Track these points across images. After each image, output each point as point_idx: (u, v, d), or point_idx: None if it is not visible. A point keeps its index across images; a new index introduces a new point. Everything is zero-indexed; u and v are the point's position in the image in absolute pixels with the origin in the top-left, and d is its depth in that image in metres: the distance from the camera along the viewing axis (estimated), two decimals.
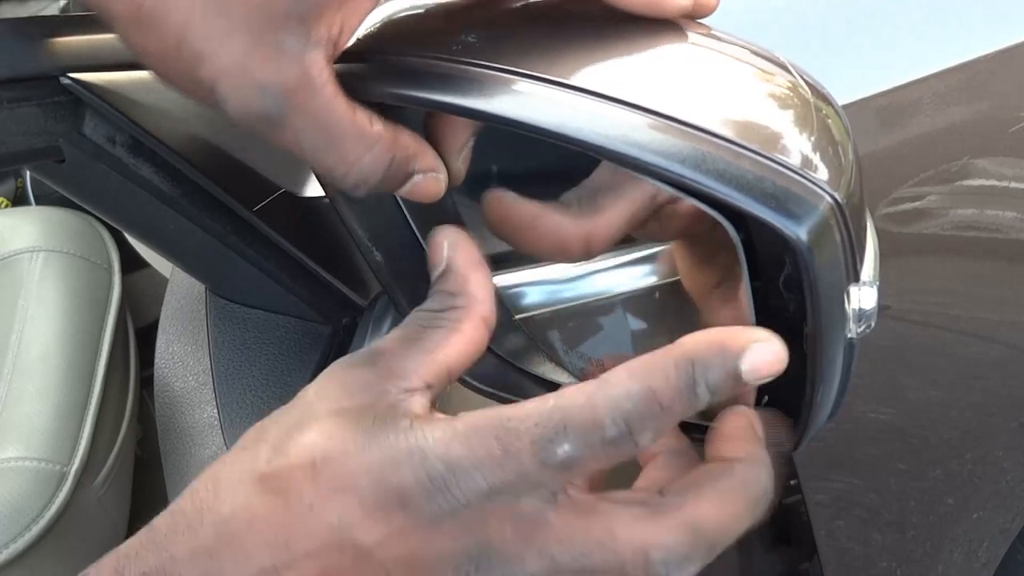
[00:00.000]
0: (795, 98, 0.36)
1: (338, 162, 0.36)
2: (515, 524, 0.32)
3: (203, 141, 0.57)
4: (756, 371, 0.32)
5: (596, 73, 0.35)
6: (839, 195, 0.34)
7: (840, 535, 0.99)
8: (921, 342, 0.90)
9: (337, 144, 0.35)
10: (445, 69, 0.35)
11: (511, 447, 0.32)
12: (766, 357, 0.32)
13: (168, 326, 0.69)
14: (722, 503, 0.33)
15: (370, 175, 0.36)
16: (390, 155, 0.37)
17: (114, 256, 1.20)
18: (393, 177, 0.37)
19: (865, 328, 0.36)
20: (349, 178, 0.36)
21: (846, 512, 0.98)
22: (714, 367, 0.32)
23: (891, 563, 1.02)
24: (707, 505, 0.33)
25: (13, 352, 1.03)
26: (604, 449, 0.32)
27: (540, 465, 0.32)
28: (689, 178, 0.33)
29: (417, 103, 0.36)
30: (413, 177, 0.38)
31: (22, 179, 1.55)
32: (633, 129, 0.33)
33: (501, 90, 0.35)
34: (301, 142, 0.35)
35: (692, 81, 0.36)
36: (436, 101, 0.35)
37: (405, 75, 0.36)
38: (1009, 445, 0.95)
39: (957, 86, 0.76)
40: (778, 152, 0.34)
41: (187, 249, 0.62)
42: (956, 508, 0.98)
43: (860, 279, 0.35)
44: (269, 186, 0.59)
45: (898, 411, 0.93)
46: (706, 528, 0.33)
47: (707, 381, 0.32)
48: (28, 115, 0.51)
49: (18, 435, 0.96)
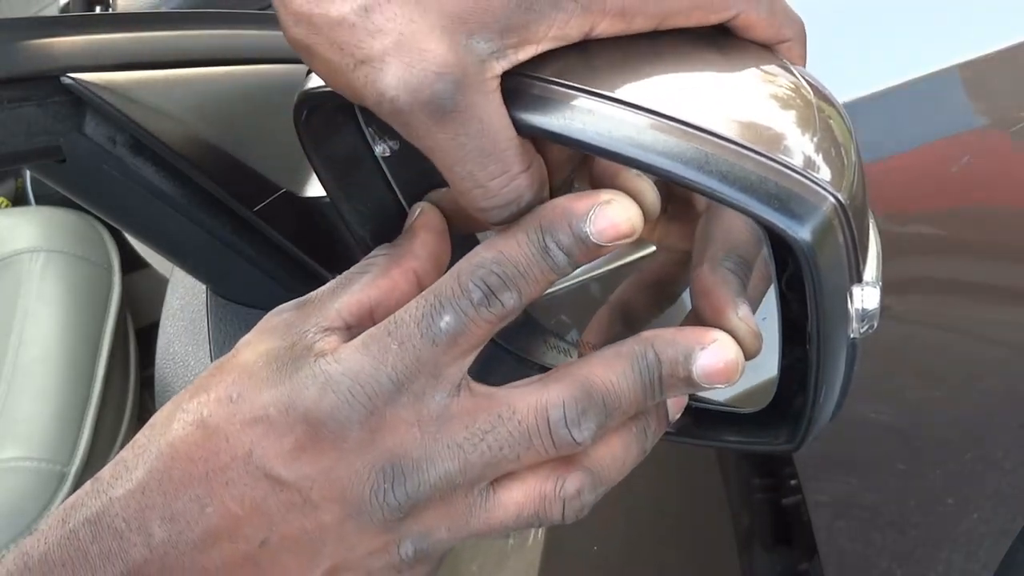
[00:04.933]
0: (797, 99, 0.36)
1: (498, 172, 0.35)
2: (421, 425, 0.34)
3: (204, 141, 0.57)
4: (603, 232, 0.34)
5: (599, 75, 0.35)
6: (842, 196, 0.34)
7: (840, 535, 0.99)
8: (921, 342, 0.90)
9: (500, 153, 0.35)
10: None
11: (402, 337, 0.34)
12: (612, 218, 0.34)
13: (169, 326, 0.69)
14: (607, 363, 0.35)
15: (525, 192, 0.35)
16: (541, 178, 0.36)
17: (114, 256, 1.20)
18: (536, 200, 0.36)
19: (868, 328, 0.36)
20: (504, 192, 0.35)
21: (846, 512, 0.98)
22: (562, 230, 0.34)
23: (891, 563, 1.02)
24: (595, 366, 0.35)
25: (13, 352, 1.04)
26: (478, 312, 0.34)
27: (431, 344, 0.34)
28: (692, 179, 0.33)
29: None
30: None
31: (22, 179, 1.55)
32: (637, 131, 0.33)
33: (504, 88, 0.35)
34: (462, 142, 0.34)
35: (694, 82, 0.36)
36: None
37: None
38: (1009, 445, 0.95)
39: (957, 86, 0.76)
40: (781, 153, 0.34)
41: (188, 249, 0.62)
42: (956, 508, 0.98)
43: (863, 279, 0.35)
44: (270, 186, 0.59)
45: (898, 411, 0.93)
46: (597, 384, 0.35)
47: (558, 243, 0.34)
48: (29, 115, 0.51)
49: (18, 435, 0.96)
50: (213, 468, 0.34)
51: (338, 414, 0.34)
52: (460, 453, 0.34)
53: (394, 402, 0.34)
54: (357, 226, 0.44)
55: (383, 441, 0.34)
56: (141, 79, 0.54)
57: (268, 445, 0.34)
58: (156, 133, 0.54)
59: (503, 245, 0.35)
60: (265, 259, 0.62)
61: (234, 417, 0.35)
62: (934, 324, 0.90)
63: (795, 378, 0.39)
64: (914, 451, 0.96)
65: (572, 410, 0.35)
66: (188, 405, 0.36)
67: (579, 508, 0.36)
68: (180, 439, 0.35)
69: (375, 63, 0.34)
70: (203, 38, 0.58)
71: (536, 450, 0.35)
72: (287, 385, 0.35)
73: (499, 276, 0.34)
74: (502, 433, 0.35)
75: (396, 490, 0.34)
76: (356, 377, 0.34)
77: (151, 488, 0.35)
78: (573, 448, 0.35)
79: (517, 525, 0.36)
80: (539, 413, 0.35)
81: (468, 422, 0.35)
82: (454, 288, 0.34)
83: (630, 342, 0.36)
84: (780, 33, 0.38)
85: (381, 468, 0.34)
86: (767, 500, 1.04)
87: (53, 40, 0.51)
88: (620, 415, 0.35)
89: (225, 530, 0.34)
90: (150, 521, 0.35)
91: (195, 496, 0.34)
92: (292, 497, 0.34)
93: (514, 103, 0.35)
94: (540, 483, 0.36)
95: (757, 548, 1.03)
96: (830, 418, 0.39)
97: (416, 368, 0.34)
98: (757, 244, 0.40)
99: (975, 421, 0.95)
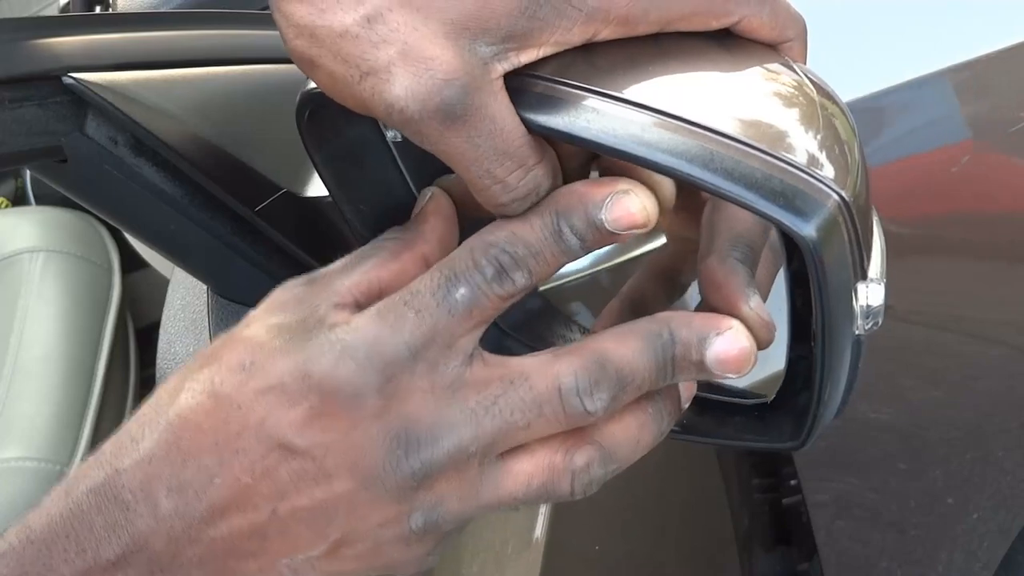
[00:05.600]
0: (801, 97, 0.36)
1: (514, 167, 0.35)
2: (435, 392, 0.35)
3: (205, 141, 0.57)
4: (618, 220, 0.35)
5: (604, 75, 0.35)
6: (846, 193, 0.34)
7: (840, 535, 0.99)
8: (921, 342, 0.90)
9: (514, 149, 0.35)
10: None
11: (419, 306, 0.35)
12: (628, 207, 0.35)
13: (170, 326, 0.69)
14: (624, 339, 0.36)
15: (543, 181, 0.36)
16: (555, 168, 0.37)
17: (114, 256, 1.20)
18: (553, 189, 0.37)
19: (873, 325, 0.36)
20: (523, 185, 0.35)
21: (846, 512, 0.98)
22: (576, 214, 0.35)
23: (891, 563, 1.02)
24: (608, 341, 0.36)
25: (13, 352, 1.04)
26: (491, 288, 0.35)
27: (447, 314, 0.35)
28: (697, 177, 0.33)
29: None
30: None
31: (22, 179, 1.55)
32: (642, 129, 0.34)
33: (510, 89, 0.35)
34: (476, 143, 0.34)
35: (699, 81, 0.36)
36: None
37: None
38: (1009, 445, 0.95)
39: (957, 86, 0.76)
40: (785, 151, 0.34)
41: (189, 249, 0.62)
42: (956, 508, 0.98)
43: (867, 276, 0.36)
44: (271, 186, 0.59)
45: (898, 411, 0.93)
46: (610, 356, 0.35)
47: (571, 226, 0.35)
48: (30, 115, 0.51)
49: (18, 435, 0.96)
50: (223, 437, 0.34)
51: (355, 380, 0.34)
52: (473, 418, 0.35)
53: (410, 370, 0.34)
54: (360, 226, 0.44)
55: (398, 408, 0.34)
56: (142, 79, 0.54)
57: (282, 414, 0.34)
58: (157, 133, 0.54)
59: (516, 226, 0.35)
60: (266, 259, 0.62)
61: (247, 385, 0.35)
62: (934, 324, 0.90)
63: (800, 375, 0.39)
64: (914, 451, 0.96)
65: (584, 380, 0.35)
66: (198, 375, 0.36)
67: (587, 482, 0.36)
68: (189, 408, 0.35)
69: (381, 74, 0.34)
70: (203, 38, 0.58)
71: (547, 418, 0.35)
72: (302, 354, 0.35)
73: (511, 255, 0.35)
74: (513, 398, 0.35)
75: (411, 457, 0.34)
76: (373, 344, 0.34)
77: (158, 458, 0.35)
78: (585, 419, 0.35)
79: (526, 496, 0.36)
80: (551, 381, 0.35)
81: (481, 387, 0.35)
82: (468, 263, 0.35)
83: (644, 321, 0.36)
84: (783, 34, 0.38)
85: (396, 435, 0.34)
86: (767, 500, 1.04)
87: (54, 40, 0.51)
88: (633, 390, 0.36)
89: (234, 500, 0.34)
90: (156, 491, 0.34)
91: (204, 466, 0.34)
92: (305, 465, 0.34)
93: (521, 102, 0.35)
94: (550, 454, 0.36)
95: (757, 548, 1.03)
96: (835, 415, 0.39)
97: (432, 336, 0.34)
98: (763, 232, 0.40)
99: (975, 421, 0.95)
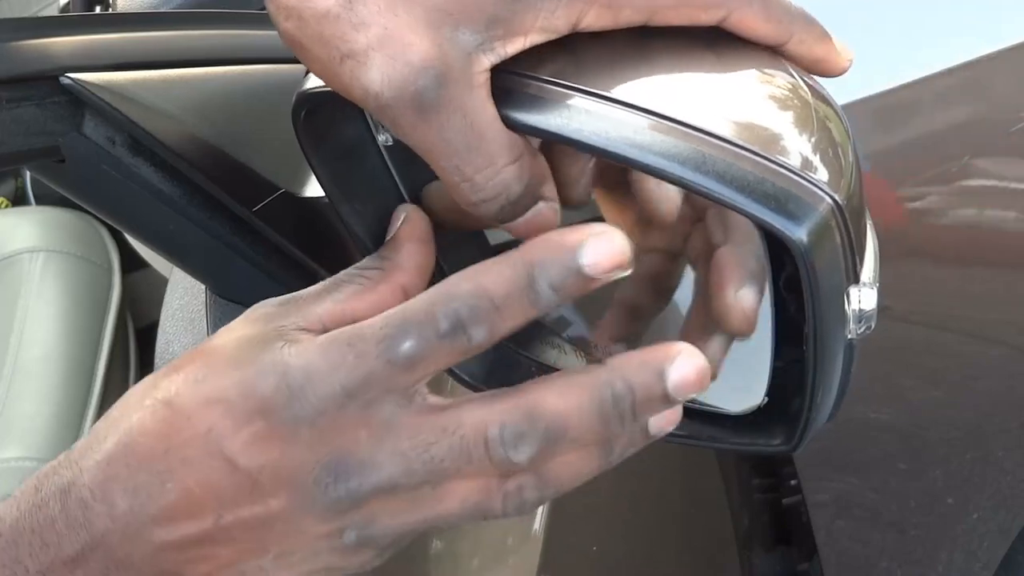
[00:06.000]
0: (795, 99, 0.36)
1: (483, 166, 0.35)
2: (369, 429, 0.34)
3: (203, 141, 0.57)
4: (597, 264, 0.33)
5: (595, 75, 0.35)
6: (839, 196, 0.34)
7: (840, 535, 0.99)
8: (921, 342, 0.90)
9: (485, 147, 0.35)
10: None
11: (360, 350, 0.34)
12: (605, 249, 0.33)
13: (169, 326, 0.69)
14: (565, 393, 0.34)
15: (512, 184, 0.35)
16: (531, 171, 0.36)
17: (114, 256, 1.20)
18: (528, 195, 0.36)
19: (865, 329, 0.36)
20: (491, 186, 0.35)
21: (846, 512, 0.98)
22: (553, 264, 0.33)
23: (891, 563, 1.02)
24: (549, 392, 0.34)
25: (13, 352, 1.04)
26: (441, 343, 0.34)
27: (387, 364, 0.34)
28: (689, 179, 0.33)
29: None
30: (538, 204, 0.38)
31: (22, 179, 1.55)
32: (634, 131, 0.34)
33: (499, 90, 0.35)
34: (447, 136, 0.34)
35: (692, 83, 0.36)
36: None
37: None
38: (1009, 445, 0.95)
39: (957, 86, 0.76)
40: (778, 153, 0.34)
41: (187, 249, 0.62)
42: (956, 508, 0.98)
43: (860, 280, 0.36)
44: (269, 186, 0.59)
45: (898, 411, 0.93)
46: (544, 411, 0.34)
47: (548, 279, 0.33)
48: (28, 115, 0.51)
49: (18, 435, 0.96)
50: (174, 445, 0.35)
51: (291, 408, 0.34)
52: (404, 460, 0.34)
53: (343, 407, 0.34)
54: (355, 226, 0.44)
55: (330, 441, 0.34)
56: (140, 79, 0.54)
57: (226, 426, 0.35)
58: (155, 133, 0.54)
59: (484, 277, 0.34)
60: (264, 259, 0.62)
61: (197, 396, 0.35)
62: (934, 324, 0.90)
63: (792, 379, 0.39)
64: (914, 451, 0.96)
65: (510, 432, 0.34)
66: (161, 383, 0.36)
67: (519, 504, 0.36)
68: (148, 415, 0.36)
69: (359, 57, 0.34)
70: (203, 38, 0.58)
71: (476, 465, 0.34)
72: (250, 369, 0.35)
73: (471, 309, 0.34)
74: (444, 446, 0.34)
75: (339, 486, 0.35)
76: (310, 378, 0.34)
77: (116, 460, 0.36)
78: (511, 467, 0.34)
79: (461, 514, 0.36)
80: (479, 430, 0.34)
81: (414, 432, 0.34)
82: (423, 315, 0.34)
83: (595, 371, 0.34)
84: (782, 31, 0.38)
85: (326, 465, 0.34)
86: (767, 500, 1.04)
87: (53, 40, 0.51)
88: (568, 443, 0.34)
89: (183, 507, 0.35)
90: (113, 492, 0.35)
91: (156, 471, 0.35)
92: (244, 480, 0.35)
93: (511, 102, 0.35)
94: (484, 476, 0.35)
95: (757, 548, 1.03)
96: (827, 419, 0.39)
97: (367, 381, 0.34)
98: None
99: (975, 421, 0.95)
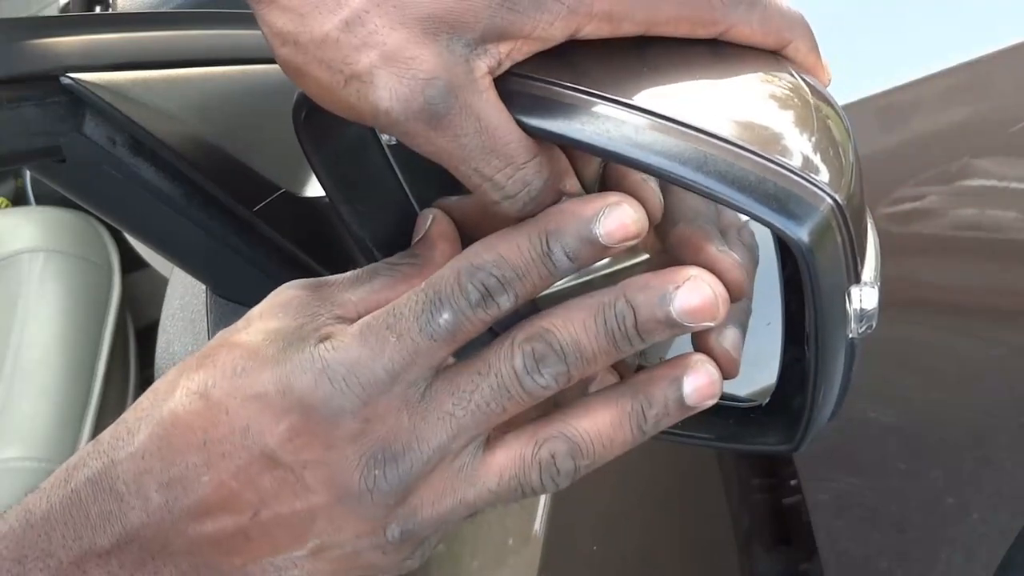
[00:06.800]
0: (796, 99, 0.36)
1: (502, 165, 0.35)
2: (410, 409, 0.35)
3: (204, 141, 0.57)
4: (612, 234, 0.34)
5: (597, 78, 0.35)
6: (840, 196, 0.34)
7: (840, 535, 0.99)
8: (921, 342, 0.90)
9: (502, 147, 0.35)
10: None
11: (400, 330, 0.35)
12: (621, 219, 0.34)
13: (169, 326, 0.69)
14: (566, 314, 0.36)
15: (533, 180, 0.36)
16: (550, 167, 0.36)
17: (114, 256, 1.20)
18: (550, 189, 0.37)
19: (866, 328, 0.36)
20: (511, 184, 0.35)
21: (846, 512, 0.98)
22: (568, 231, 0.35)
23: (891, 563, 1.02)
24: (556, 318, 0.35)
25: (13, 352, 1.04)
26: (475, 312, 0.35)
27: (429, 339, 0.35)
28: (691, 179, 0.33)
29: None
30: (561, 199, 0.37)
31: (22, 179, 1.55)
32: (636, 131, 0.34)
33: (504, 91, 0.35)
34: (463, 142, 0.34)
35: (693, 84, 0.36)
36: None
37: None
38: (1009, 445, 0.95)
39: (957, 86, 0.76)
40: (779, 153, 0.34)
41: (188, 249, 0.62)
42: (956, 508, 0.98)
43: (861, 280, 0.36)
44: (269, 186, 0.59)
45: (898, 411, 0.93)
46: (555, 334, 0.35)
47: (564, 246, 0.35)
48: (28, 115, 0.51)
49: (18, 435, 0.96)
50: (211, 439, 0.35)
51: (332, 403, 0.34)
52: (451, 420, 0.35)
53: (388, 392, 0.35)
54: (356, 227, 0.44)
55: (374, 430, 0.35)
56: (141, 79, 0.54)
57: (265, 423, 0.35)
58: (156, 133, 0.54)
59: (503, 248, 0.35)
60: (264, 259, 0.62)
61: (236, 391, 0.35)
62: (934, 324, 0.90)
63: (794, 378, 0.39)
64: (914, 451, 0.96)
65: (531, 358, 0.35)
66: (193, 375, 0.36)
67: (555, 475, 0.36)
68: (182, 407, 0.36)
69: (364, 77, 0.34)
70: (203, 38, 0.58)
71: (516, 399, 0.35)
72: (287, 366, 0.35)
73: (498, 279, 0.35)
74: (484, 390, 0.35)
75: (389, 475, 0.35)
76: (352, 367, 0.35)
77: (151, 453, 0.35)
78: (543, 393, 0.35)
79: (499, 489, 0.36)
80: (506, 363, 0.35)
81: (452, 389, 0.35)
82: (453, 287, 0.35)
83: (599, 293, 0.36)
84: (780, 39, 0.38)
85: (372, 456, 0.35)
86: (767, 500, 1.04)
87: (53, 40, 0.51)
88: (585, 364, 0.35)
89: (218, 500, 0.35)
90: (148, 486, 0.35)
91: (192, 464, 0.35)
92: (286, 476, 0.35)
93: (516, 104, 0.35)
94: (521, 447, 0.36)
95: (757, 548, 1.03)
96: (829, 418, 0.39)
97: (412, 360, 0.35)
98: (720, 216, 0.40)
99: (975, 421, 0.95)
